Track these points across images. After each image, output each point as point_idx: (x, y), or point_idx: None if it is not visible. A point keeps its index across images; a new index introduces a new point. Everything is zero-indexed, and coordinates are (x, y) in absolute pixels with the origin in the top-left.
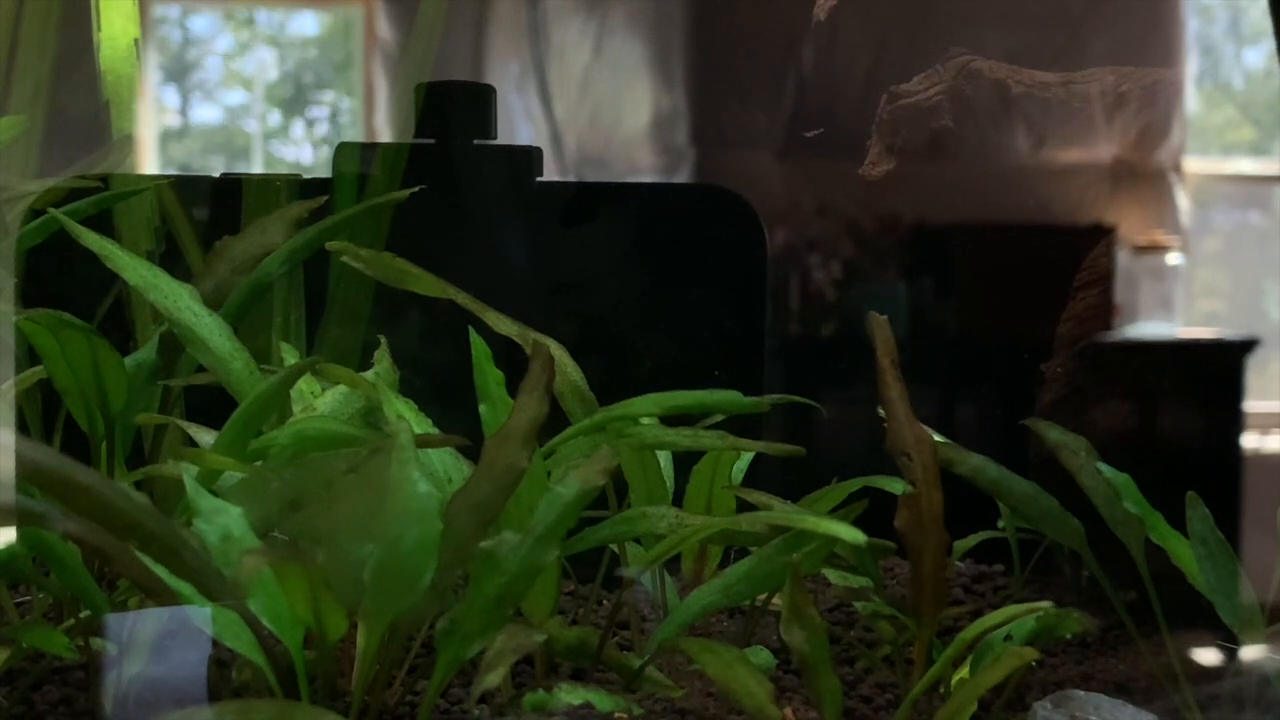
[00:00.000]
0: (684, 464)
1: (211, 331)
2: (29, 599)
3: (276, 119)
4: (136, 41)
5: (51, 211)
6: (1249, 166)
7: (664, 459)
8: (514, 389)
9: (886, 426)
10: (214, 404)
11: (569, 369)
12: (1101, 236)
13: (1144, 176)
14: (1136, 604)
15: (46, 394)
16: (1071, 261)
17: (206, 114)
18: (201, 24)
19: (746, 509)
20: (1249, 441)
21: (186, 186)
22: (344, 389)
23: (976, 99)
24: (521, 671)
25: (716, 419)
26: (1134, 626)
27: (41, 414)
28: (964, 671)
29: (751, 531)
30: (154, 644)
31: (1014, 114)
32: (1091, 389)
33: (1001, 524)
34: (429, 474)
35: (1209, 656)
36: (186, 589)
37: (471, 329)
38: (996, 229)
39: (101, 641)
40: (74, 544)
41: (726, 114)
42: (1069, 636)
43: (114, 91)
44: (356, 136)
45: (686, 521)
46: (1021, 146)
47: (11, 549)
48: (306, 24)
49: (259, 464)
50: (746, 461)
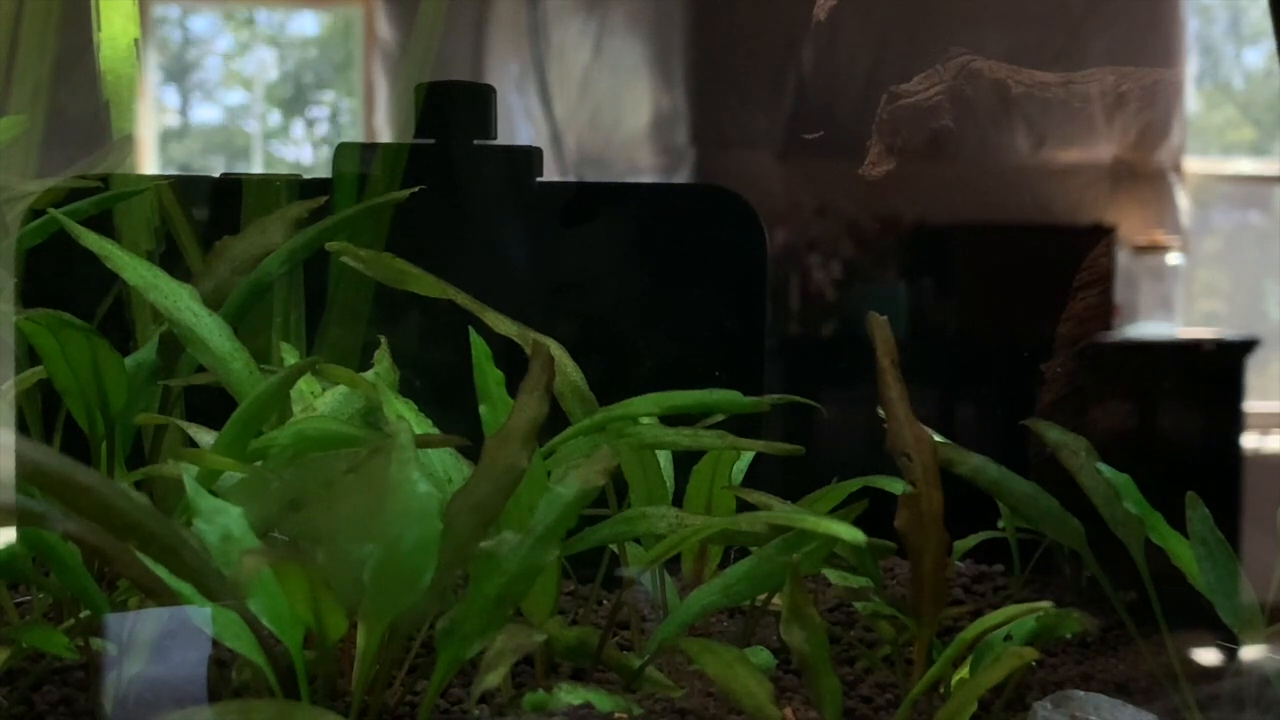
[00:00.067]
0: (684, 464)
1: (211, 331)
2: (29, 599)
3: (276, 119)
4: (136, 41)
5: (51, 211)
6: (1249, 166)
7: (664, 459)
8: (514, 389)
9: (886, 427)
10: (214, 404)
11: (569, 369)
12: (1101, 236)
13: (1144, 176)
14: (1136, 604)
15: (46, 394)
16: (1071, 261)
17: (206, 114)
18: (201, 24)
19: (746, 509)
20: (1249, 441)
21: (186, 186)
22: (344, 389)
23: (976, 99)
24: (521, 671)
25: (716, 419)
26: (1134, 626)
27: (41, 414)
28: (964, 671)
29: (751, 531)
30: (154, 644)
31: (1014, 114)
32: (1091, 389)
33: (1001, 524)
34: (429, 474)
35: (1209, 656)
36: (186, 589)
37: (471, 329)
38: (996, 229)
39: (101, 641)
40: (74, 544)
41: (726, 114)
42: (1069, 636)
43: (114, 91)
44: (356, 136)
45: (686, 521)
46: (1021, 146)
47: (11, 549)
48: (306, 24)
49: (259, 464)
50: (746, 461)
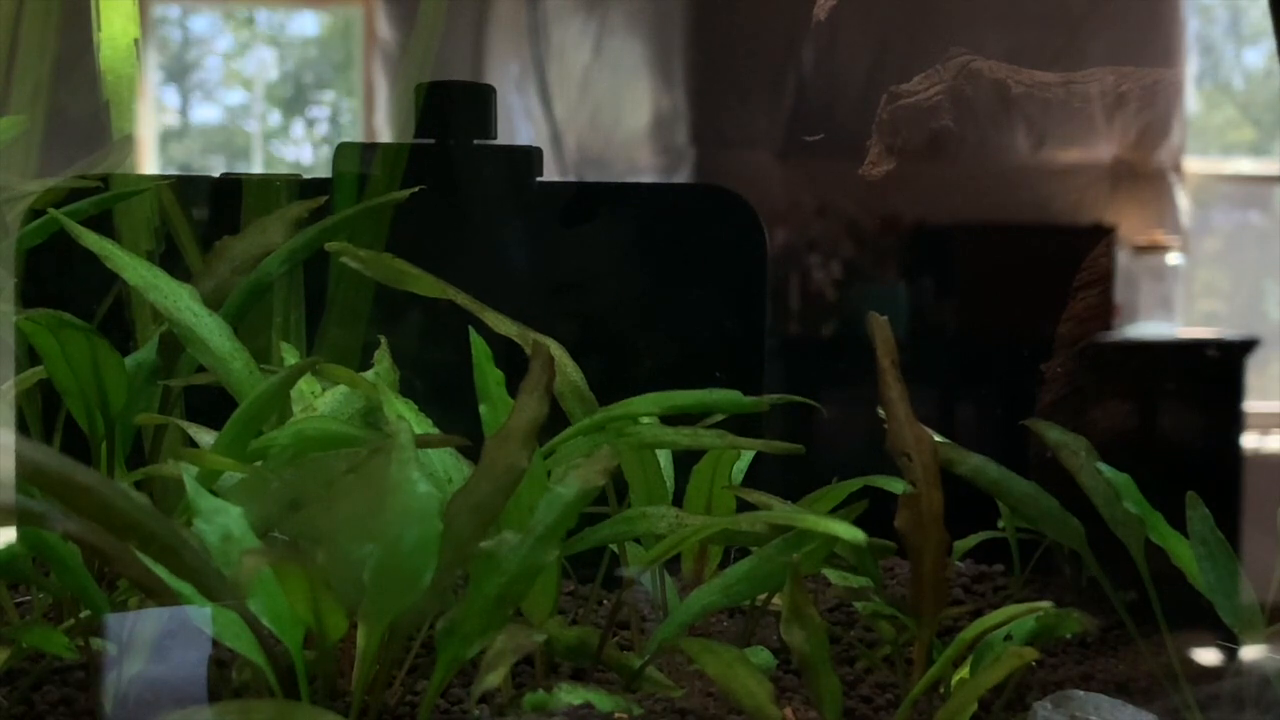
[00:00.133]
0: (684, 464)
1: (211, 331)
2: (29, 599)
3: (276, 119)
4: (136, 41)
5: (51, 212)
6: (1249, 166)
7: (664, 459)
8: (514, 389)
9: (887, 427)
10: (214, 404)
11: (569, 369)
12: (1101, 236)
13: (1144, 176)
14: (1136, 604)
15: (46, 394)
16: (1071, 261)
17: (206, 114)
18: (201, 24)
19: (746, 509)
20: (1249, 441)
21: (186, 186)
22: (344, 389)
23: (976, 99)
24: (521, 671)
25: (716, 419)
26: (1134, 626)
27: (41, 414)
28: (964, 671)
29: (751, 531)
30: (154, 644)
31: (1014, 114)
32: (1091, 389)
33: (1001, 524)
34: (429, 474)
35: (1209, 656)
36: (186, 589)
37: (472, 329)
38: (996, 229)
39: (101, 641)
40: (74, 544)
41: (726, 114)
42: (1069, 636)
43: (114, 91)
44: (356, 136)
45: (686, 521)
46: (1021, 146)
47: (11, 549)
48: (306, 24)
49: (259, 464)
50: (746, 461)
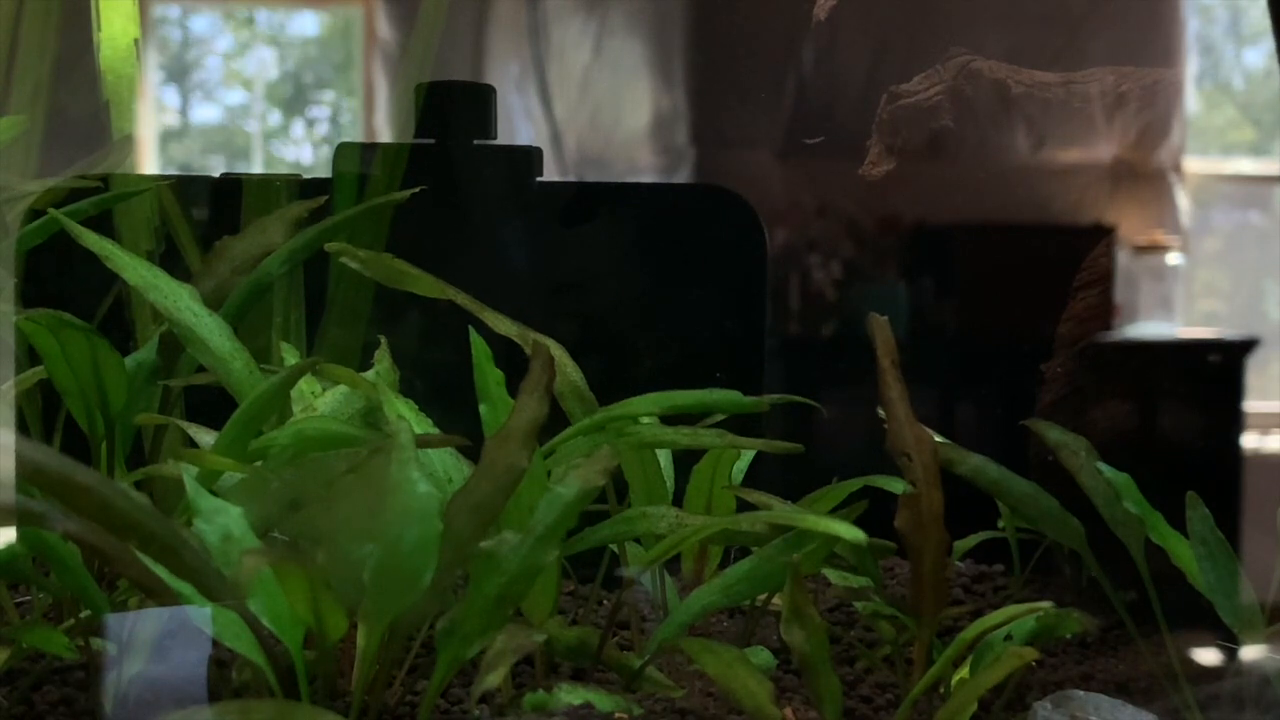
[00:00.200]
0: (684, 464)
1: (211, 331)
2: (29, 599)
3: (276, 119)
4: (136, 41)
5: (51, 212)
6: (1249, 166)
7: (664, 459)
8: (514, 389)
9: (887, 427)
10: (214, 404)
11: (569, 369)
12: (1101, 236)
13: (1144, 176)
14: (1136, 604)
15: (46, 394)
16: (1071, 261)
17: (206, 114)
18: (201, 24)
19: (746, 509)
20: (1249, 441)
21: (186, 186)
22: (344, 389)
23: (976, 99)
24: (521, 671)
25: (717, 419)
26: (1134, 626)
27: (41, 414)
28: (964, 671)
29: (751, 531)
30: (154, 644)
31: (1014, 114)
32: (1091, 389)
33: (1001, 524)
34: (429, 474)
35: (1209, 656)
36: (186, 589)
37: (472, 329)
38: (996, 229)
39: (101, 641)
40: (74, 544)
41: (726, 114)
42: (1069, 636)
43: (114, 91)
44: (356, 136)
45: (686, 521)
46: (1021, 146)
47: (11, 549)
48: (306, 24)
49: (259, 464)
50: (746, 461)
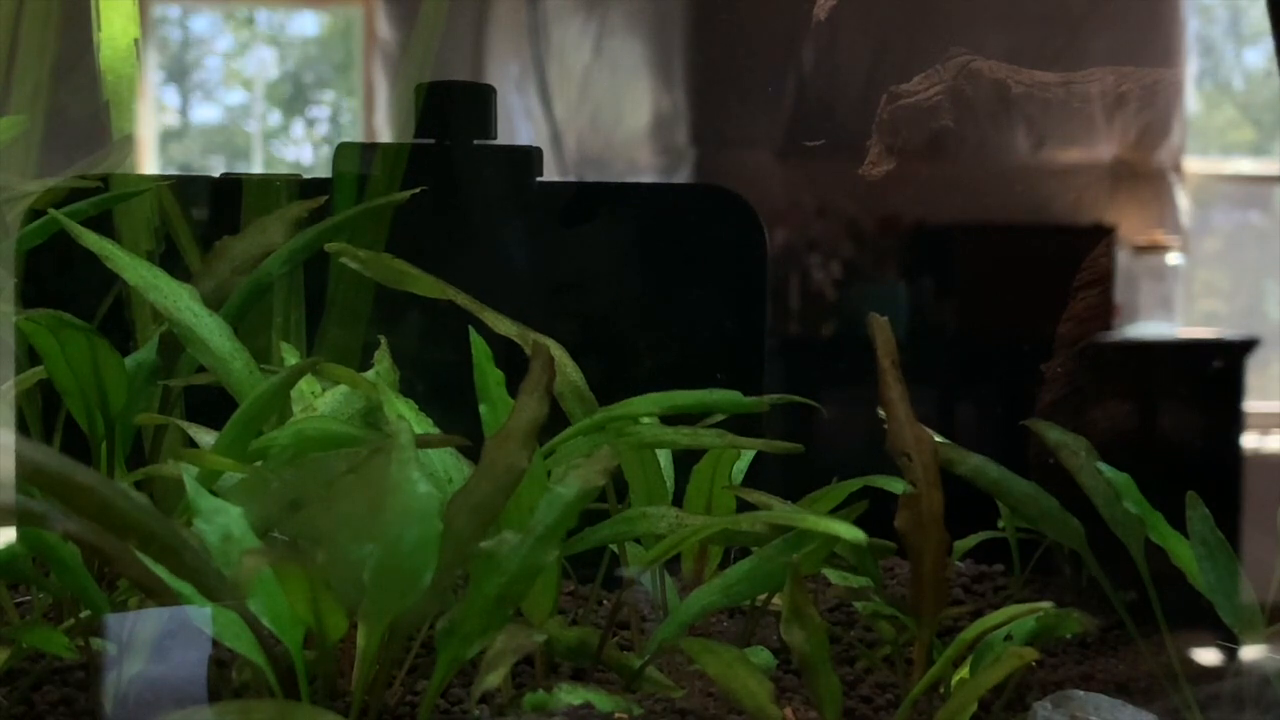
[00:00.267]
0: (684, 464)
1: (211, 331)
2: (29, 599)
3: (276, 119)
4: (136, 41)
5: (52, 212)
6: (1249, 166)
7: (664, 459)
8: (514, 389)
9: (887, 427)
10: (214, 404)
11: (569, 369)
12: (1101, 236)
13: (1144, 176)
14: (1136, 604)
15: (46, 394)
16: (1071, 261)
17: (206, 114)
18: (201, 24)
19: (746, 509)
20: (1249, 441)
21: (186, 186)
22: (344, 389)
23: (976, 99)
24: (521, 671)
25: (717, 419)
26: (1134, 626)
27: (41, 414)
28: (964, 671)
29: (751, 531)
30: (154, 644)
31: (1014, 114)
32: (1091, 389)
33: (1001, 524)
34: (429, 474)
35: (1209, 656)
36: (186, 589)
37: (472, 329)
38: (996, 229)
39: (101, 641)
40: (74, 544)
41: (726, 114)
42: (1069, 636)
43: (114, 91)
44: (356, 136)
45: (686, 521)
46: (1021, 146)
47: (11, 549)
48: (306, 24)
49: (259, 464)
50: (747, 461)
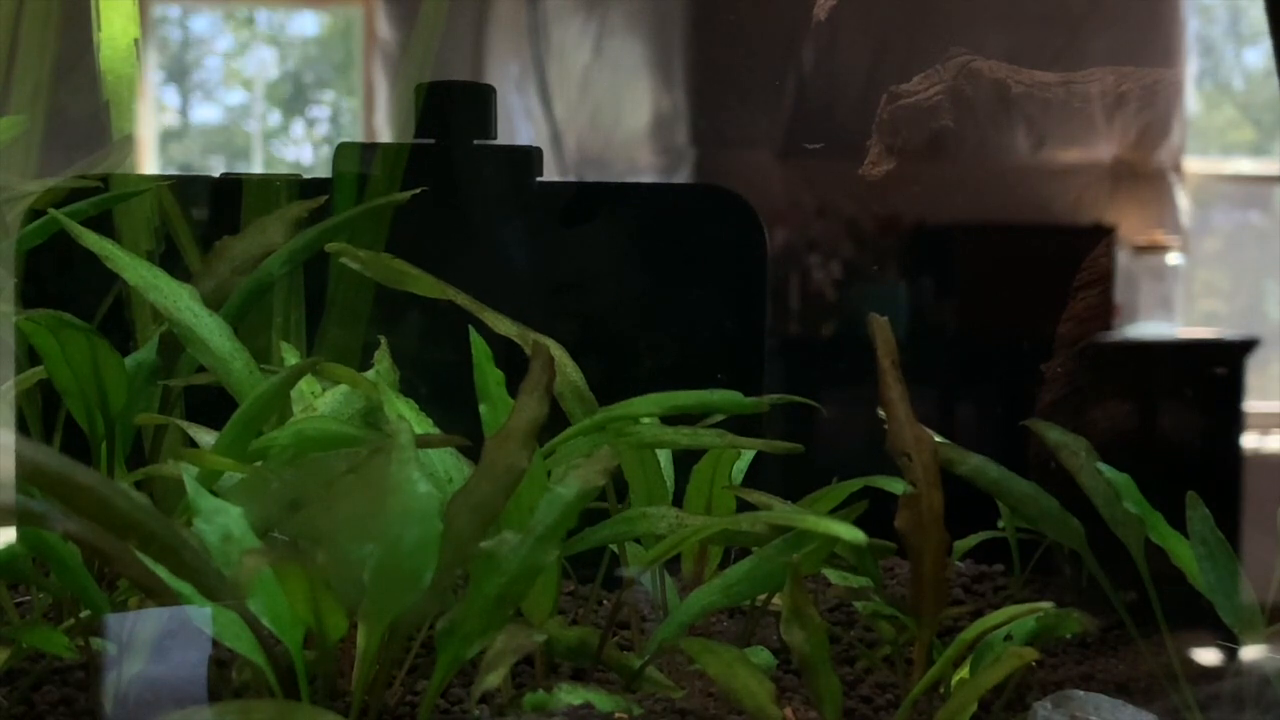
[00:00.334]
0: (684, 464)
1: (211, 331)
2: (29, 599)
3: (276, 119)
4: (136, 41)
5: (52, 212)
6: (1249, 166)
7: (664, 459)
8: (514, 389)
9: (887, 427)
10: (214, 404)
11: (569, 369)
12: (1101, 236)
13: (1144, 176)
14: (1136, 604)
15: (46, 394)
16: (1071, 261)
17: (206, 114)
18: (201, 24)
19: (746, 509)
20: (1249, 441)
21: (186, 186)
22: (344, 389)
23: (976, 99)
24: (521, 671)
25: (717, 419)
26: (1134, 626)
27: (41, 414)
28: (964, 671)
29: (751, 531)
30: (154, 644)
31: (1014, 114)
32: (1091, 389)
33: (1001, 524)
34: (429, 474)
35: (1209, 656)
36: (186, 589)
37: (472, 329)
38: (996, 229)
39: (101, 641)
40: (74, 544)
41: (726, 114)
42: (1069, 636)
43: (114, 91)
44: (356, 136)
45: (686, 521)
46: (1021, 146)
47: (11, 549)
48: (306, 24)
49: (259, 464)
50: (746, 461)
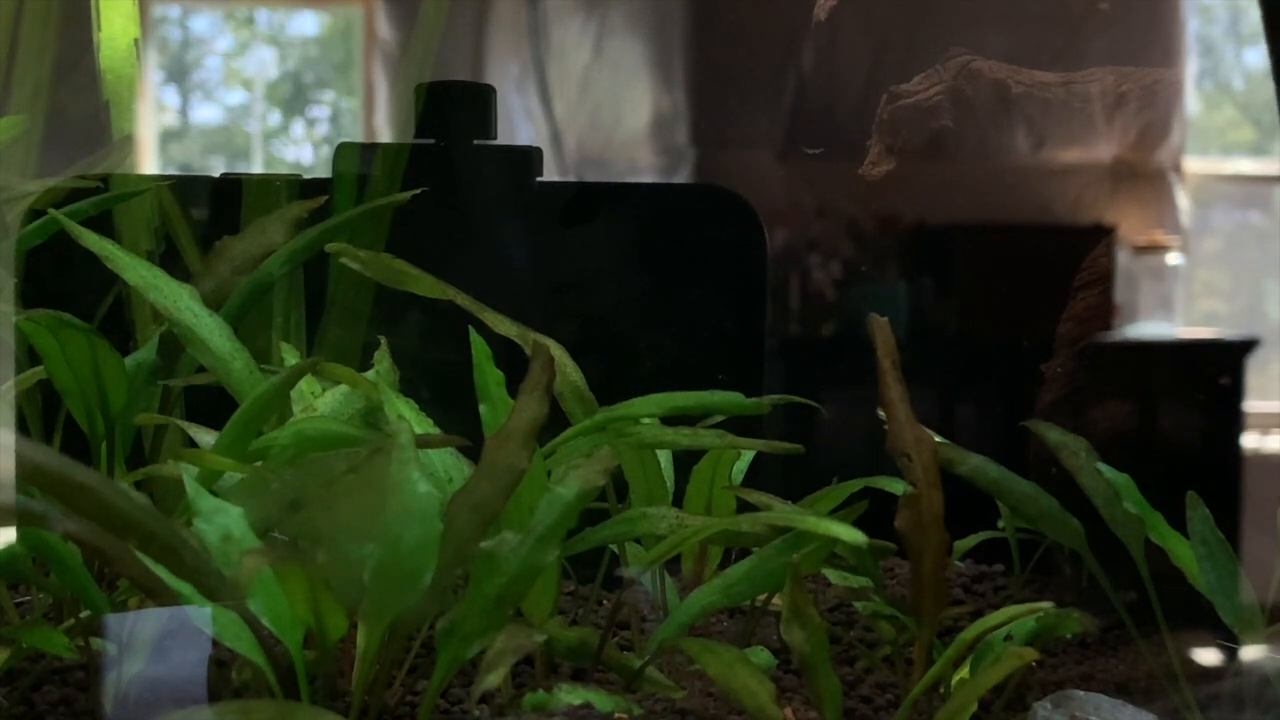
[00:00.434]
0: (684, 464)
1: (211, 331)
2: (29, 599)
3: (276, 119)
4: (136, 41)
5: (52, 212)
6: (1249, 166)
7: (664, 459)
8: (514, 389)
9: (887, 427)
10: (214, 404)
11: (569, 369)
12: (1101, 236)
13: (1144, 176)
14: (1136, 604)
15: (46, 394)
16: (1071, 261)
17: (206, 114)
18: (201, 24)
19: (747, 509)
20: (1249, 441)
21: (186, 186)
22: (344, 389)
23: (976, 99)
24: (521, 671)
25: (717, 419)
26: (1134, 626)
27: (41, 414)
28: (964, 672)
29: (751, 532)
30: (154, 644)
31: (1014, 114)
32: (1091, 389)
33: (1001, 524)
34: (429, 474)
35: (1209, 656)
36: (186, 589)
37: (472, 329)
38: (996, 229)
39: (101, 641)
40: (74, 544)
41: (726, 114)
42: (1069, 636)
43: (114, 91)
44: (356, 136)
45: (686, 522)
46: (1021, 146)
47: (11, 549)
48: (306, 24)
49: (259, 464)
50: (747, 462)
